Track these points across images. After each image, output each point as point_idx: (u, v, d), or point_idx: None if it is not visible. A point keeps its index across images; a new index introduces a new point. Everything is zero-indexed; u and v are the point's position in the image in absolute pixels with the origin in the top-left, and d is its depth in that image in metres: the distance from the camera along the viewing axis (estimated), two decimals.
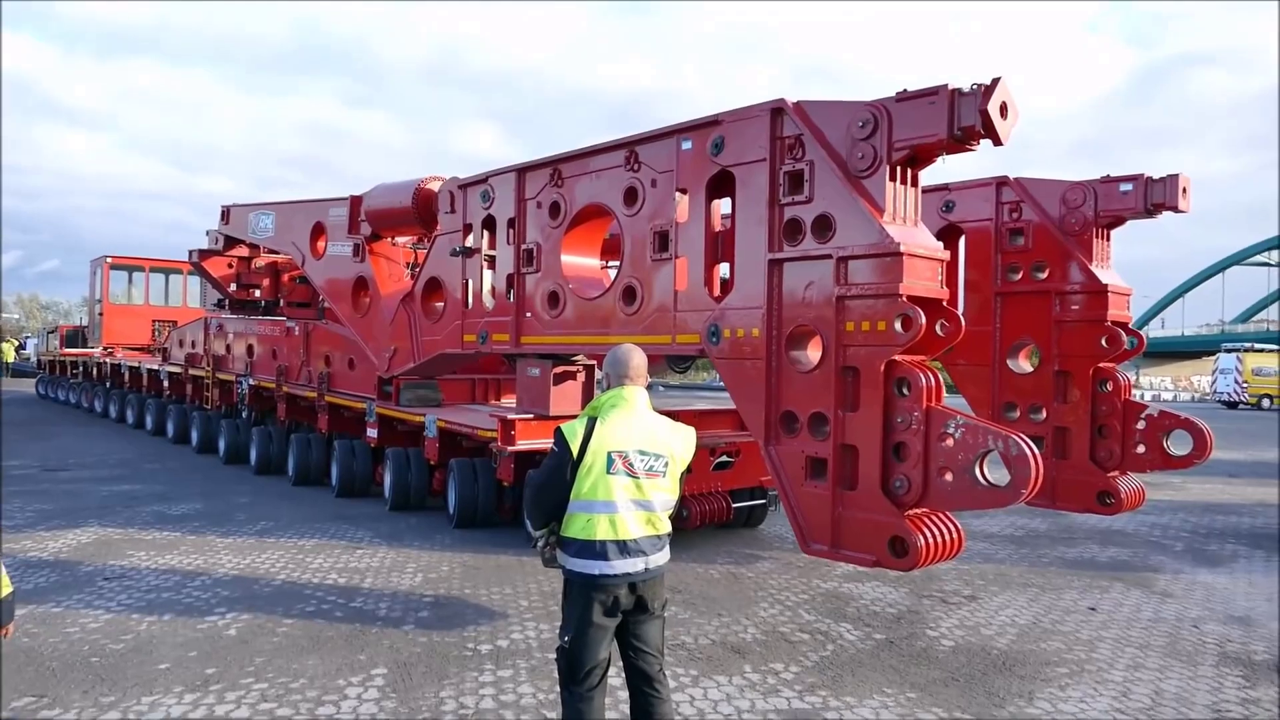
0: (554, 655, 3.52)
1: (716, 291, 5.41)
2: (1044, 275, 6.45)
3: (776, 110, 4.83)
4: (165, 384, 16.13)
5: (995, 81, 4.09)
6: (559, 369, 6.61)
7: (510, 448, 6.57)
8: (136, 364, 18.01)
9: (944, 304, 4.48)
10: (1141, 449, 6.12)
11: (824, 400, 4.55)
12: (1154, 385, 70.84)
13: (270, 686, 4.38)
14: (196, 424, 14.13)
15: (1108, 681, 4.78)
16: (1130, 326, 6.36)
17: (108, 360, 19.75)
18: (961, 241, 6.89)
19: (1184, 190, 5.95)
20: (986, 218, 6.73)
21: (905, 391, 4.27)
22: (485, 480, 7.91)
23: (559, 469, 3.34)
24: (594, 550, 3.30)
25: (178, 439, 15.28)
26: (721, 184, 5.30)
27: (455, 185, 7.48)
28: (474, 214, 7.25)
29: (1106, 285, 6.12)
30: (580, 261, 6.43)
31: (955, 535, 4.35)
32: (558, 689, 3.58)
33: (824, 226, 4.57)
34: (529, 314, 6.71)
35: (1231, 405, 37.91)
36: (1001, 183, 6.66)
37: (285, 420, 11.52)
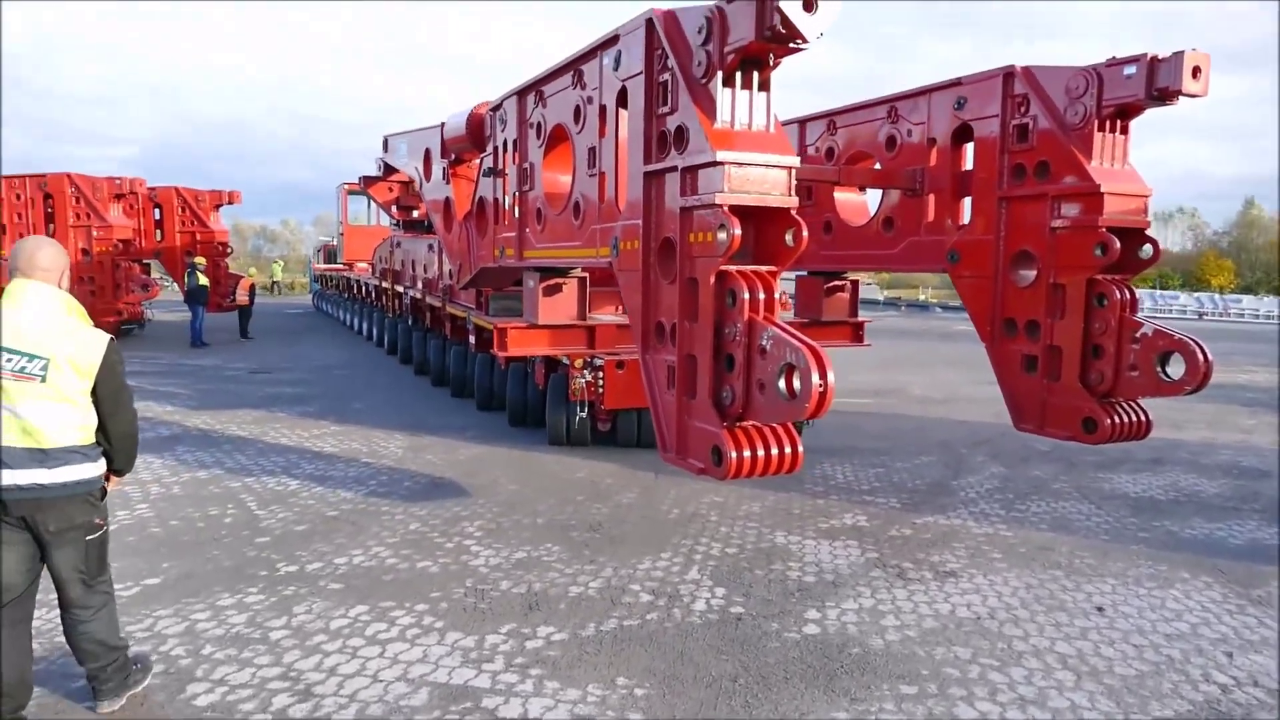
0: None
1: None
2: (1047, 177, 5.80)
3: (649, 22, 4.81)
4: (372, 295, 18.45)
5: None
6: (547, 281, 7.02)
7: (503, 353, 7.14)
8: (360, 278, 20.65)
9: (792, 213, 4.36)
10: (1135, 373, 5.44)
11: (676, 310, 4.63)
12: None
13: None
14: (386, 330, 16.20)
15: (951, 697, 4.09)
16: (1148, 234, 5.59)
17: (345, 275, 22.78)
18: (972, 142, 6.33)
19: (1194, 71, 5.07)
20: (994, 114, 6.11)
21: (733, 303, 4.28)
22: (531, 383, 8.58)
23: None
24: None
25: (378, 342, 17.58)
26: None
27: (489, 110, 7.98)
28: (498, 136, 7.73)
29: (1099, 186, 5.41)
30: (556, 178, 6.72)
31: (784, 454, 4.31)
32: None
33: (680, 138, 4.56)
34: (528, 229, 7.14)
35: None
36: (1009, 74, 5.99)
37: (428, 327, 12.94)
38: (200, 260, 18.31)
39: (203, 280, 17.88)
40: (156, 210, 20.42)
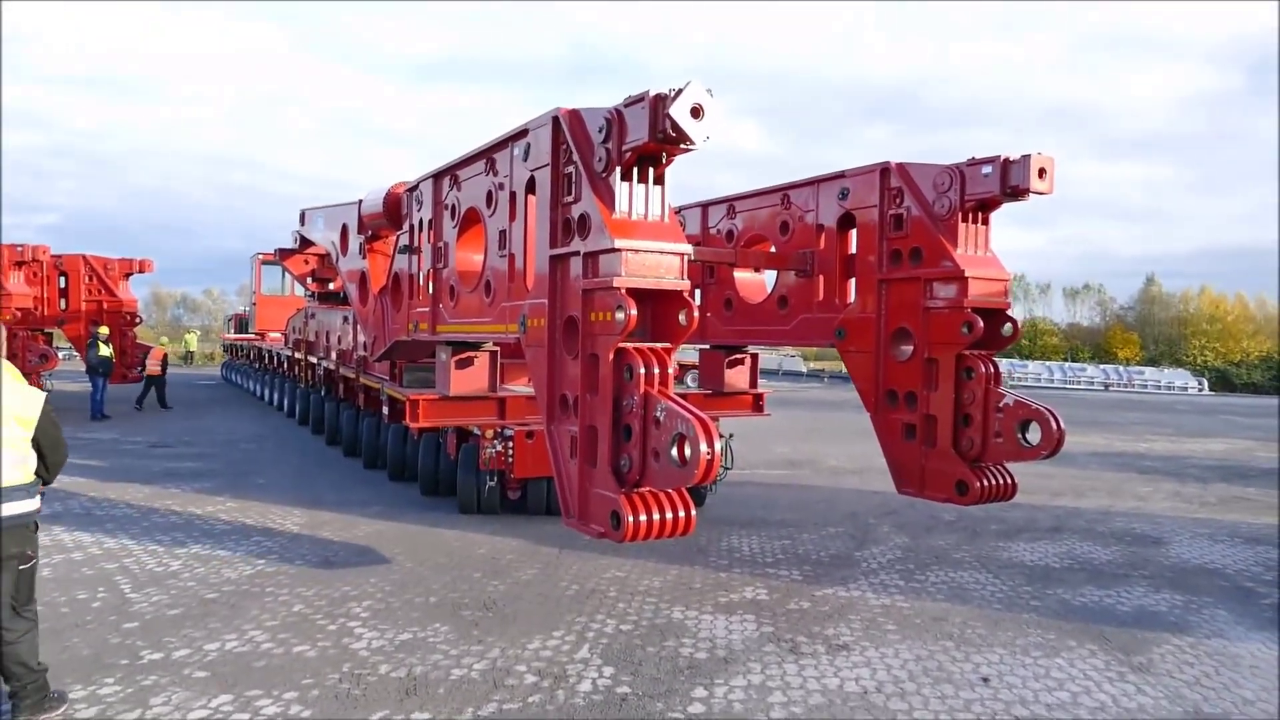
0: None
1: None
2: (920, 262, 6.39)
3: (555, 120, 5.23)
4: (285, 366, 18.26)
5: (686, 85, 4.32)
6: (459, 355, 7.28)
7: (415, 424, 7.32)
8: (272, 348, 20.41)
9: (684, 295, 4.77)
10: (1000, 439, 5.98)
11: (579, 383, 4.95)
12: None
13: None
14: (298, 400, 16.04)
15: None
16: (1008, 314, 6.20)
17: (257, 345, 22.46)
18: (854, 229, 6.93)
19: (1040, 172, 5.74)
20: (873, 204, 6.72)
21: (630, 377, 4.62)
22: (443, 453, 8.72)
23: None
24: None
25: (289, 413, 17.34)
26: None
27: (405, 190, 8.29)
28: (414, 215, 8.04)
29: (964, 271, 6.01)
30: (469, 257, 7.04)
31: (678, 517, 4.63)
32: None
33: (583, 225, 4.95)
34: (441, 305, 7.41)
35: None
36: (885, 169, 6.62)
37: (341, 398, 12.94)
38: (103, 330, 17.84)
39: (104, 351, 17.40)
40: (62, 278, 19.89)
